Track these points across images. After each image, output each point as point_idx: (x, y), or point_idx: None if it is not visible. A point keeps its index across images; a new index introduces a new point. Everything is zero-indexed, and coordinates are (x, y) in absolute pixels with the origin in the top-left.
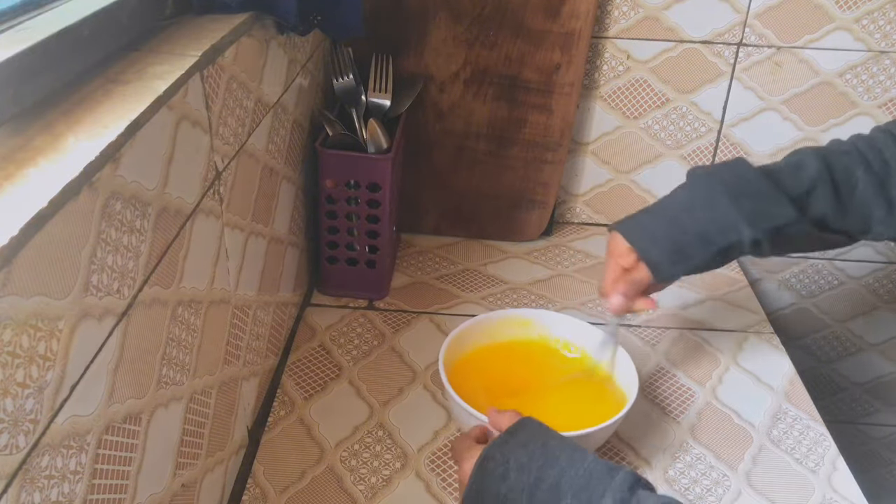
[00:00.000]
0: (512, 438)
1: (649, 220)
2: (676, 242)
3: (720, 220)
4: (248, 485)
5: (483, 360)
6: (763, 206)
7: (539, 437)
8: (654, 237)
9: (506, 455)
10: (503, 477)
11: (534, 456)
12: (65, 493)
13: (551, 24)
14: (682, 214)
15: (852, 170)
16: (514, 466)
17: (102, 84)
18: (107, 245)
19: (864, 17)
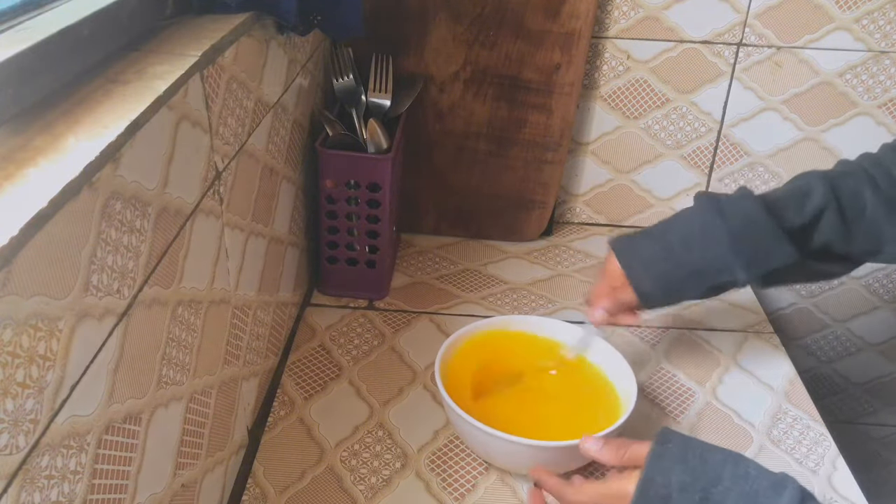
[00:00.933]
0: (666, 452)
1: (647, 247)
2: (669, 277)
3: (717, 261)
4: (248, 485)
5: (473, 357)
6: (763, 249)
7: (693, 449)
8: (647, 266)
9: (666, 477)
10: (666, 499)
11: (696, 475)
12: (65, 493)
13: (551, 24)
14: (680, 248)
15: (860, 191)
16: (677, 487)
17: (102, 84)
18: (107, 245)
19: (864, 17)
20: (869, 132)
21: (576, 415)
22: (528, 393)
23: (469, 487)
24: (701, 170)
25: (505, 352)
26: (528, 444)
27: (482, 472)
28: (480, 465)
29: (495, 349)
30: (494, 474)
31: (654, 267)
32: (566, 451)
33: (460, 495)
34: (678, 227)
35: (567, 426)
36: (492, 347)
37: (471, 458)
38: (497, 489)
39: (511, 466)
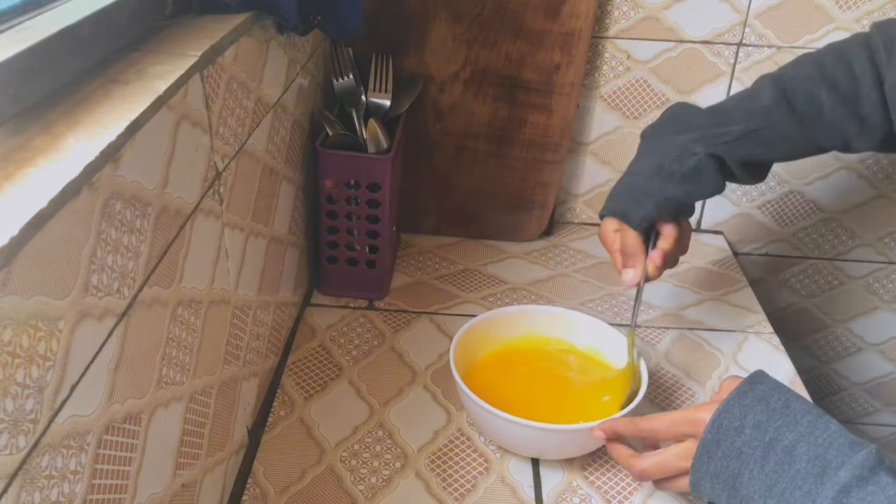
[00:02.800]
0: (751, 391)
1: (611, 190)
2: (632, 186)
3: (671, 151)
4: (248, 485)
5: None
6: (713, 128)
7: (781, 394)
8: (613, 196)
9: (744, 410)
10: (738, 431)
11: (773, 415)
12: (65, 493)
13: (551, 24)
14: (634, 164)
15: (815, 93)
16: (751, 423)
17: (102, 84)
18: (107, 245)
19: (864, 17)
20: None
21: (585, 400)
22: (541, 377)
23: (469, 487)
24: None
25: (520, 338)
26: (536, 427)
27: (482, 471)
28: (481, 464)
29: (511, 335)
30: (495, 474)
31: (618, 191)
32: (576, 435)
33: (460, 495)
34: (632, 160)
35: (578, 410)
36: (507, 333)
37: (471, 458)
38: (497, 489)
39: (520, 449)
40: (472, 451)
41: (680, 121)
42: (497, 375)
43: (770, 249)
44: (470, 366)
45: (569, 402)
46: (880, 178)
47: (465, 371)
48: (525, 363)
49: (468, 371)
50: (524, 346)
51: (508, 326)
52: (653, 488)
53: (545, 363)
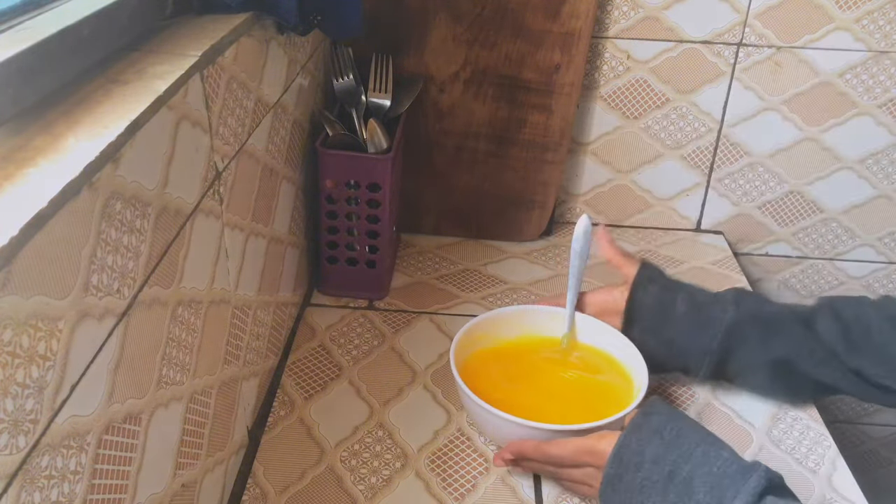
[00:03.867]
0: (646, 423)
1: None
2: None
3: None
4: (248, 485)
5: (490, 354)
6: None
7: (673, 424)
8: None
9: (641, 445)
10: (638, 467)
11: (669, 447)
12: (65, 494)
13: (551, 24)
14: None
15: (864, 312)
16: (650, 458)
17: (102, 84)
18: (107, 245)
19: (864, 17)
20: (869, 132)
21: (584, 400)
22: (542, 376)
23: (469, 487)
24: (701, 170)
25: (519, 339)
26: (536, 427)
27: (482, 471)
28: (481, 465)
29: (512, 335)
30: (495, 474)
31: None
32: (566, 435)
33: (460, 495)
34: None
35: (573, 411)
36: (508, 333)
37: (471, 458)
38: (497, 489)
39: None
40: (472, 451)
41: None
42: (498, 375)
43: (770, 249)
44: (470, 365)
45: (571, 402)
46: (880, 178)
47: (465, 370)
48: (526, 363)
49: (468, 370)
50: (525, 345)
51: (509, 326)
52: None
53: (547, 363)
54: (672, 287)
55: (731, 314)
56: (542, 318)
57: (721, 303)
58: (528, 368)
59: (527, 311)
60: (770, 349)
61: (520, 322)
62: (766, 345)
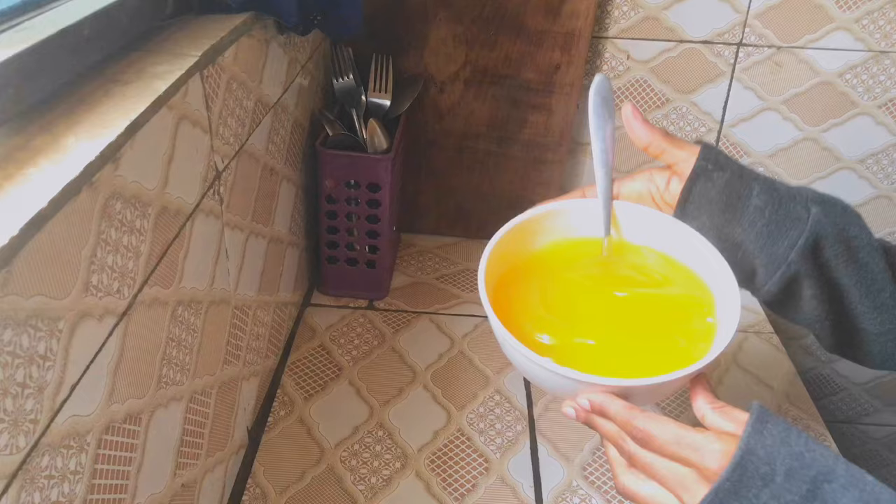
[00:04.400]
0: (767, 430)
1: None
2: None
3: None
4: (248, 485)
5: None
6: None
7: (798, 436)
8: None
9: (771, 454)
10: (766, 481)
11: (805, 462)
12: (65, 494)
13: (551, 23)
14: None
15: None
16: (783, 471)
17: (102, 84)
18: (107, 245)
19: (864, 17)
20: (869, 132)
21: (654, 331)
22: (587, 303)
23: (469, 487)
24: None
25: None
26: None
27: (482, 471)
28: (481, 465)
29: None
30: (495, 474)
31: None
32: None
33: (460, 495)
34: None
35: (641, 349)
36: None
37: (471, 458)
38: (497, 489)
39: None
40: (472, 451)
41: None
42: (534, 304)
43: None
44: (500, 297)
45: (636, 335)
46: (880, 179)
47: (496, 304)
48: (564, 283)
49: (500, 304)
50: (559, 256)
51: (537, 234)
52: None
53: (589, 280)
54: (747, 175)
55: (815, 215)
56: (576, 218)
57: (801, 198)
58: (568, 291)
59: (556, 212)
60: (849, 277)
61: (549, 227)
62: (847, 269)
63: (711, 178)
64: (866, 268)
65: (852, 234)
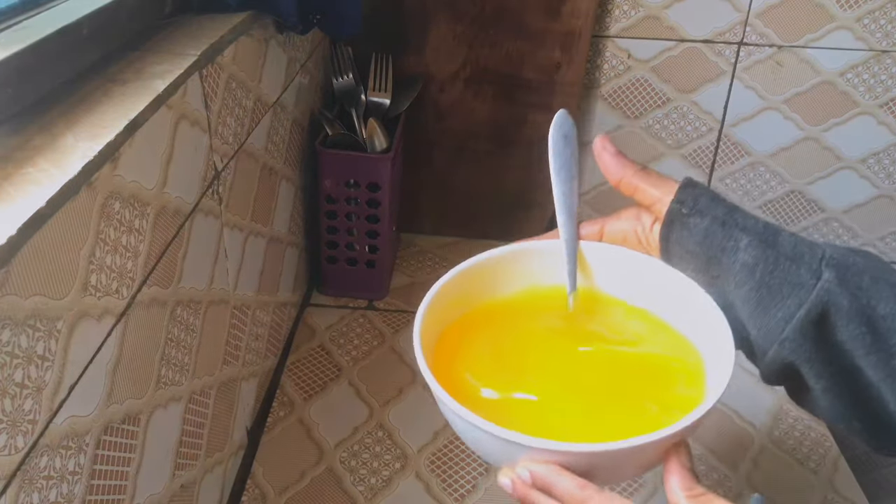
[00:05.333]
0: None
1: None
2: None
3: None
4: (248, 485)
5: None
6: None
7: None
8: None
9: None
10: None
11: None
12: (63, 494)
13: (552, 23)
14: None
15: None
16: None
17: (101, 83)
18: (105, 245)
19: (866, 17)
20: (870, 132)
21: (624, 393)
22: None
23: (469, 488)
24: (702, 169)
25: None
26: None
27: (482, 472)
28: (481, 465)
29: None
30: (495, 475)
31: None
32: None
33: (460, 496)
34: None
35: (609, 413)
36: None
37: (471, 459)
38: (498, 490)
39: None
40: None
41: None
42: (486, 360)
43: None
44: (445, 352)
45: (602, 396)
46: (881, 178)
47: (440, 363)
48: (524, 336)
49: (443, 362)
50: (521, 306)
51: (495, 279)
52: (654, 490)
53: (553, 334)
54: (732, 223)
55: (825, 282)
56: (539, 262)
57: (811, 258)
58: (523, 342)
59: (517, 254)
60: (870, 368)
61: (512, 271)
62: (870, 360)
63: (687, 226)
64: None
65: (882, 314)
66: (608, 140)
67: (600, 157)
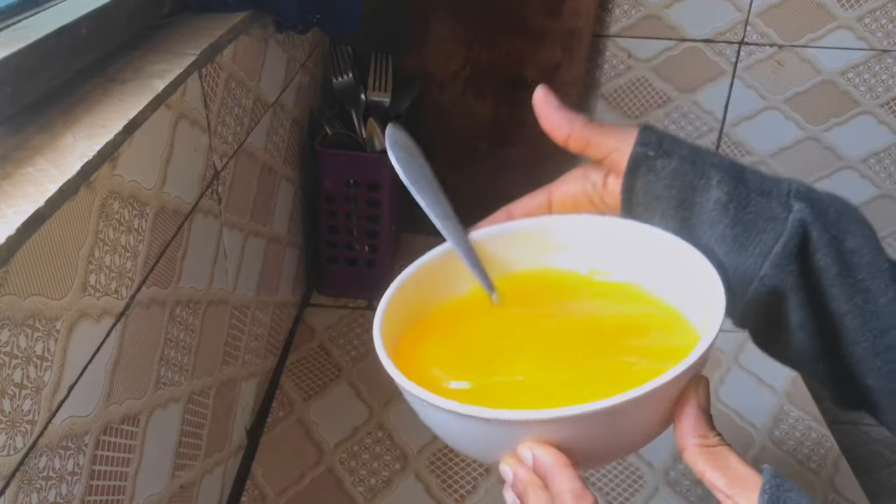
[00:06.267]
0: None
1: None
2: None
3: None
4: (247, 486)
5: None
6: None
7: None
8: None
9: None
10: None
11: None
12: (63, 495)
13: (552, 22)
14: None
15: None
16: None
17: (101, 83)
18: (105, 245)
19: (866, 16)
20: (871, 131)
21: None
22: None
23: (469, 489)
24: None
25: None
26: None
27: (482, 472)
28: (481, 465)
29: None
30: (495, 475)
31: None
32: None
33: (460, 496)
34: None
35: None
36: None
37: (471, 459)
38: (497, 490)
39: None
40: None
41: None
42: (452, 354)
43: None
44: (405, 350)
45: (590, 360)
46: (882, 178)
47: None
48: (483, 322)
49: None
50: (479, 301)
51: (445, 282)
52: (654, 490)
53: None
54: (702, 161)
55: (798, 213)
56: (499, 249)
57: (780, 195)
58: (490, 330)
59: (450, 256)
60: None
61: (448, 274)
62: (840, 291)
63: (654, 169)
64: (867, 294)
65: (850, 247)
66: (550, 92)
67: (543, 110)
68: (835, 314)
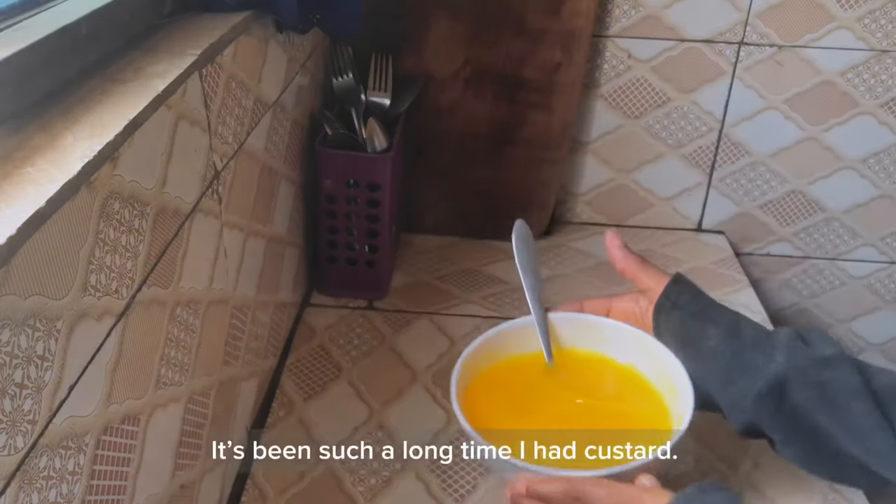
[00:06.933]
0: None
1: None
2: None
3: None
4: (247, 486)
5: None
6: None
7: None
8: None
9: None
10: None
11: None
12: (63, 494)
13: (552, 22)
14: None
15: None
16: None
17: (101, 83)
18: (105, 245)
19: (866, 16)
20: (871, 132)
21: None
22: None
23: (469, 489)
24: (702, 169)
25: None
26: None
27: (482, 473)
28: (481, 466)
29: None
30: (495, 476)
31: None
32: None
33: (460, 496)
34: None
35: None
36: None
37: (471, 459)
38: (498, 491)
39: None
40: None
41: None
42: (500, 407)
43: (772, 249)
44: (469, 400)
45: (590, 437)
46: (882, 178)
47: (466, 407)
48: (528, 387)
49: (469, 407)
50: (524, 365)
51: (509, 344)
52: None
53: (554, 385)
54: (704, 317)
55: (777, 364)
56: (567, 328)
57: (766, 346)
58: (531, 395)
59: (528, 324)
60: (823, 421)
61: (519, 339)
62: (819, 413)
63: (670, 315)
64: (846, 412)
65: (825, 379)
66: (617, 235)
67: (610, 249)
68: (827, 432)
